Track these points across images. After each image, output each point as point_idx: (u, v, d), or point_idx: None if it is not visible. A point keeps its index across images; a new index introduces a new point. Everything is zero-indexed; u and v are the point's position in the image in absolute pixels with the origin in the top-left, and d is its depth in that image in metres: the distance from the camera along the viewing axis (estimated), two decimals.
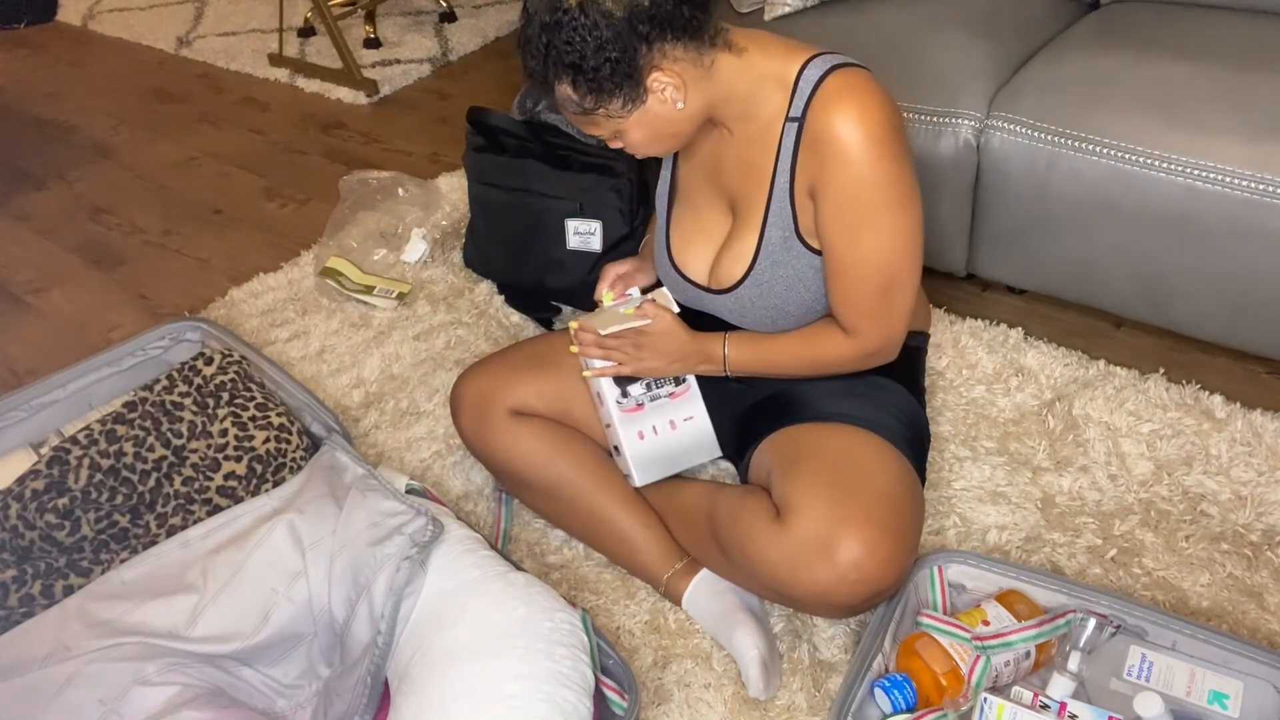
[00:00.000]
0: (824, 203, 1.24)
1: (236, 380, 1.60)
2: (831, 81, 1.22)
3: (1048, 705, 1.19)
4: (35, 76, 3.19)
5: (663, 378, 1.43)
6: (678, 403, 1.45)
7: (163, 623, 1.30)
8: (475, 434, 1.48)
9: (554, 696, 1.15)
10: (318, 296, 2.06)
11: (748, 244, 1.32)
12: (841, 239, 1.24)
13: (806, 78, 1.24)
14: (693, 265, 1.40)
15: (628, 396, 1.43)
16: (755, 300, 1.34)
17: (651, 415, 1.44)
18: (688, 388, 1.46)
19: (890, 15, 1.87)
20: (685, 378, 1.47)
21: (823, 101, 1.22)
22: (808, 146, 1.24)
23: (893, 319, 1.29)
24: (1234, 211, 1.52)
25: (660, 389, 1.45)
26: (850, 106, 1.20)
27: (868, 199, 1.21)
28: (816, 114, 1.22)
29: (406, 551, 1.27)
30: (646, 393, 1.44)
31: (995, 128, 1.68)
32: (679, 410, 1.45)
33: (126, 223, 2.42)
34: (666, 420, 1.45)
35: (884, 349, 1.33)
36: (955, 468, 1.58)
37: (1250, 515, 1.47)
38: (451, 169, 2.44)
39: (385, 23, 3.27)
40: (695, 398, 1.46)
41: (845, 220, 1.23)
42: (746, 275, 1.32)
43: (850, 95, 1.21)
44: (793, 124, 1.25)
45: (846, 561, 1.19)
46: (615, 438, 1.44)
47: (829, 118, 1.21)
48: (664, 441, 1.44)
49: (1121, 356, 1.75)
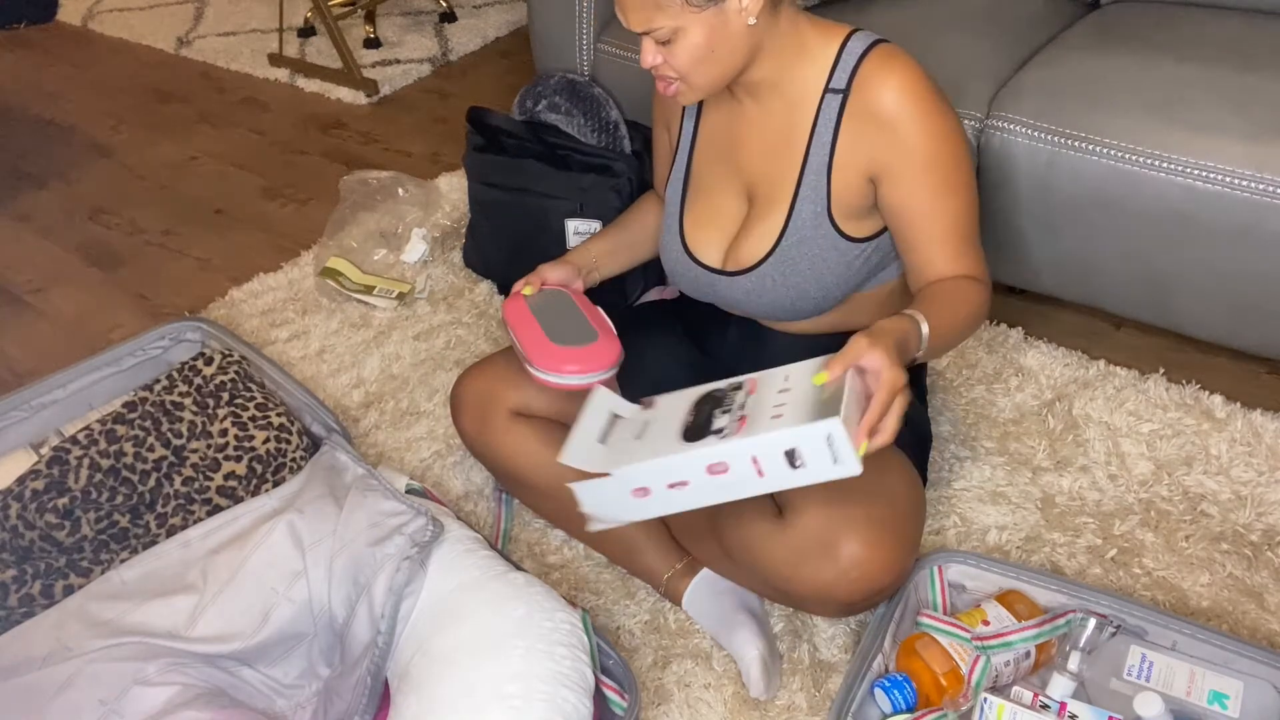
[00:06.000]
0: (903, 175, 1.25)
1: (236, 380, 1.60)
2: (877, 53, 1.25)
3: (1048, 705, 1.19)
4: (35, 76, 3.19)
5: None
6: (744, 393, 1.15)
7: (163, 623, 1.30)
8: (476, 434, 1.48)
9: (554, 696, 1.15)
10: (318, 296, 2.06)
11: (773, 222, 1.32)
12: (934, 200, 1.26)
13: (850, 50, 1.26)
14: (705, 250, 1.39)
15: (711, 431, 1.10)
16: (777, 279, 1.33)
17: (752, 408, 1.11)
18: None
19: (890, 15, 1.87)
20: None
21: (872, 73, 1.24)
22: (857, 120, 1.25)
23: (981, 258, 1.33)
24: (1234, 211, 1.52)
25: (722, 403, 1.14)
26: (901, 76, 1.23)
27: (948, 155, 1.25)
28: (867, 86, 1.24)
29: (406, 551, 1.27)
30: (724, 413, 1.11)
31: (995, 128, 1.68)
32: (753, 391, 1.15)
33: (126, 223, 2.42)
34: (770, 398, 1.11)
35: (990, 288, 1.33)
36: (955, 468, 1.58)
37: (1250, 515, 1.47)
38: (451, 169, 2.44)
39: (385, 23, 3.26)
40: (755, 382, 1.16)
41: (933, 183, 1.26)
42: (772, 251, 1.32)
43: (898, 65, 1.24)
44: (834, 95, 1.26)
45: (848, 559, 1.19)
46: (778, 446, 1.05)
47: (883, 89, 1.23)
48: (801, 399, 1.08)
49: (1121, 356, 1.75)
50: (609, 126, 1.96)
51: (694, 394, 1.21)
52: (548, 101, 2.00)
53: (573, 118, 1.97)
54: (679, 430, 1.13)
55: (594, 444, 1.18)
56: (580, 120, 1.97)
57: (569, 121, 1.97)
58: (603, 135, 1.96)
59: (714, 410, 1.12)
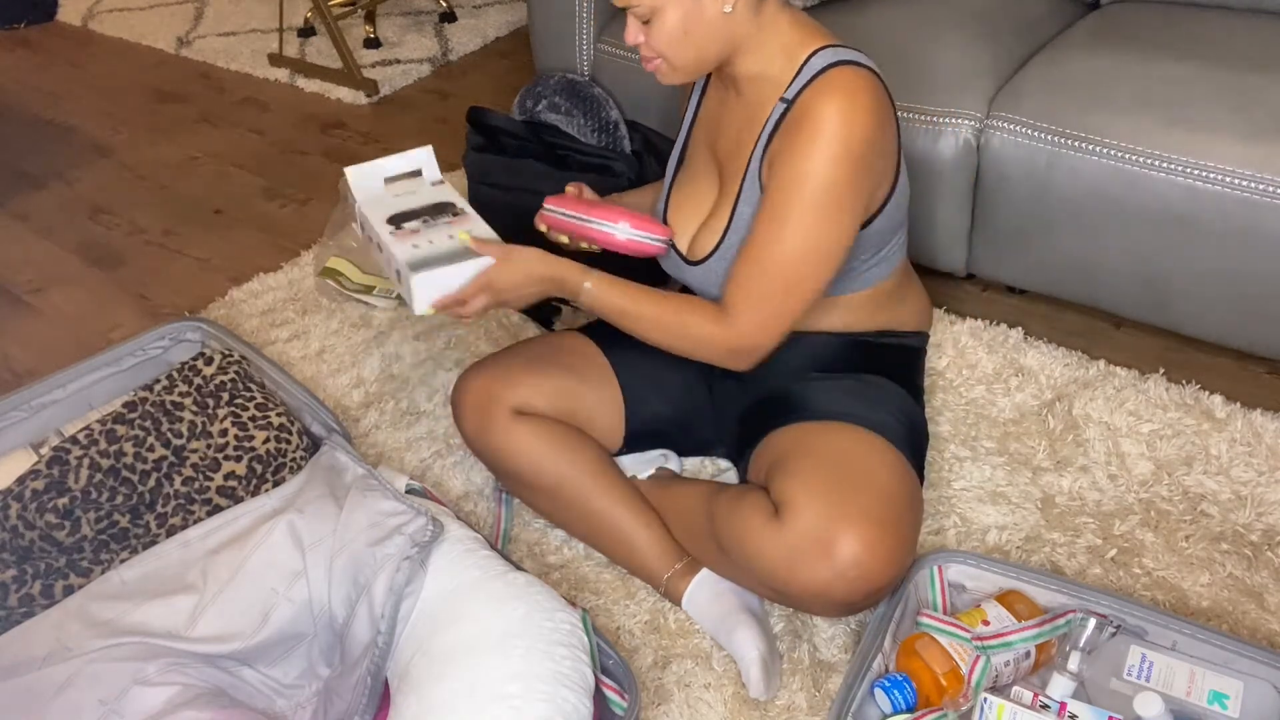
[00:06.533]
0: (770, 179, 1.26)
1: (236, 380, 1.60)
2: (829, 76, 1.24)
3: (1048, 705, 1.19)
4: (35, 76, 3.19)
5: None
6: (457, 224, 1.41)
7: (163, 623, 1.30)
8: (477, 434, 1.48)
9: (554, 696, 1.15)
10: (317, 297, 2.06)
11: (722, 218, 1.35)
12: (762, 219, 1.25)
13: (810, 65, 1.26)
14: (680, 234, 1.42)
15: (401, 228, 1.39)
16: (720, 274, 1.35)
17: (427, 234, 1.38)
18: (466, 216, 1.41)
19: (890, 15, 1.88)
20: (463, 207, 1.44)
21: (812, 93, 1.24)
22: (784, 130, 1.26)
23: (774, 318, 1.27)
24: (1234, 211, 1.52)
25: (438, 219, 1.41)
26: (830, 105, 1.21)
27: (800, 193, 1.22)
28: (804, 102, 1.24)
29: (406, 551, 1.27)
30: (422, 224, 1.40)
31: (995, 128, 1.68)
32: (459, 226, 1.40)
33: (126, 223, 2.42)
34: (444, 235, 1.38)
35: (748, 346, 1.29)
36: (955, 468, 1.58)
37: (1250, 515, 1.47)
38: (451, 169, 2.44)
39: (385, 23, 3.27)
40: (475, 218, 1.41)
41: (773, 203, 1.24)
42: (716, 247, 1.35)
43: (838, 94, 1.21)
44: (783, 104, 1.27)
45: (845, 558, 1.19)
46: (392, 261, 1.36)
47: (807, 109, 1.23)
48: (440, 248, 1.35)
49: (1121, 356, 1.75)
50: (609, 126, 1.97)
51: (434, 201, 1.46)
52: (548, 101, 2.00)
53: (573, 118, 1.97)
54: (386, 215, 1.45)
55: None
56: (580, 120, 1.97)
57: (569, 121, 1.97)
58: (603, 135, 1.96)
59: (425, 218, 1.43)
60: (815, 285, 1.27)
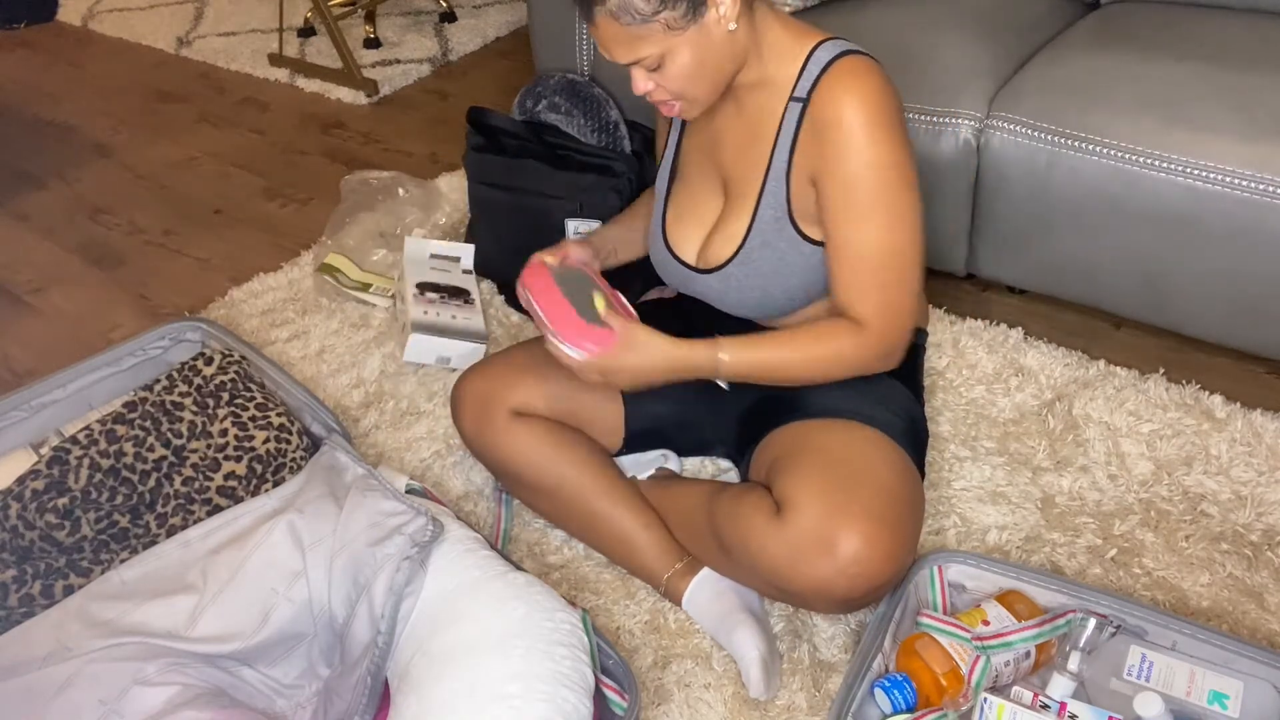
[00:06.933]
0: (827, 188, 1.25)
1: (236, 380, 1.60)
2: (840, 66, 1.24)
3: (1048, 705, 1.19)
4: (35, 76, 3.19)
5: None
6: (464, 310, 1.88)
7: (163, 623, 1.30)
8: (476, 435, 1.48)
9: (554, 696, 1.15)
10: (317, 297, 2.06)
11: (740, 223, 1.34)
12: (847, 224, 1.25)
13: (816, 59, 1.26)
14: (684, 245, 1.41)
15: (424, 295, 1.87)
16: (742, 280, 1.35)
17: (439, 306, 1.85)
18: (475, 307, 1.88)
19: (890, 15, 1.87)
20: (474, 297, 1.89)
21: (829, 85, 1.24)
22: (809, 129, 1.26)
23: (900, 308, 1.28)
24: (1234, 211, 1.52)
25: (452, 301, 1.88)
26: (855, 91, 1.22)
27: (871, 183, 1.23)
28: (821, 97, 1.24)
29: (406, 551, 1.27)
30: (440, 298, 1.87)
31: (995, 128, 1.68)
32: (462, 312, 1.87)
33: (126, 223, 2.42)
34: (449, 313, 1.85)
35: (893, 344, 1.30)
36: (955, 468, 1.58)
37: (1250, 515, 1.47)
38: (451, 169, 2.44)
39: (385, 23, 3.27)
40: (478, 311, 1.89)
41: (849, 205, 1.24)
42: (736, 253, 1.34)
43: (856, 80, 1.23)
44: (796, 104, 1.27)
45: (847, 555, 1.19)
46: (405, 314, 1.85)
47: (833, 102, 1.23)
48: (442, 321, 1.83)
49: (1121, 356, 1.75)
50: (609, 126, 1.97)
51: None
52: (548, 101, 2.00)
53: (573, 118, 1.97)
54: (419, 279, 1.95)
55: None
56: (580, 120, 1.97)
57: (569, 121, 1.97)
58: (603, 135, 1.96)
59: (444, 294, 1.90)
60: (919, 259, 1.28)
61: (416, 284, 1.88)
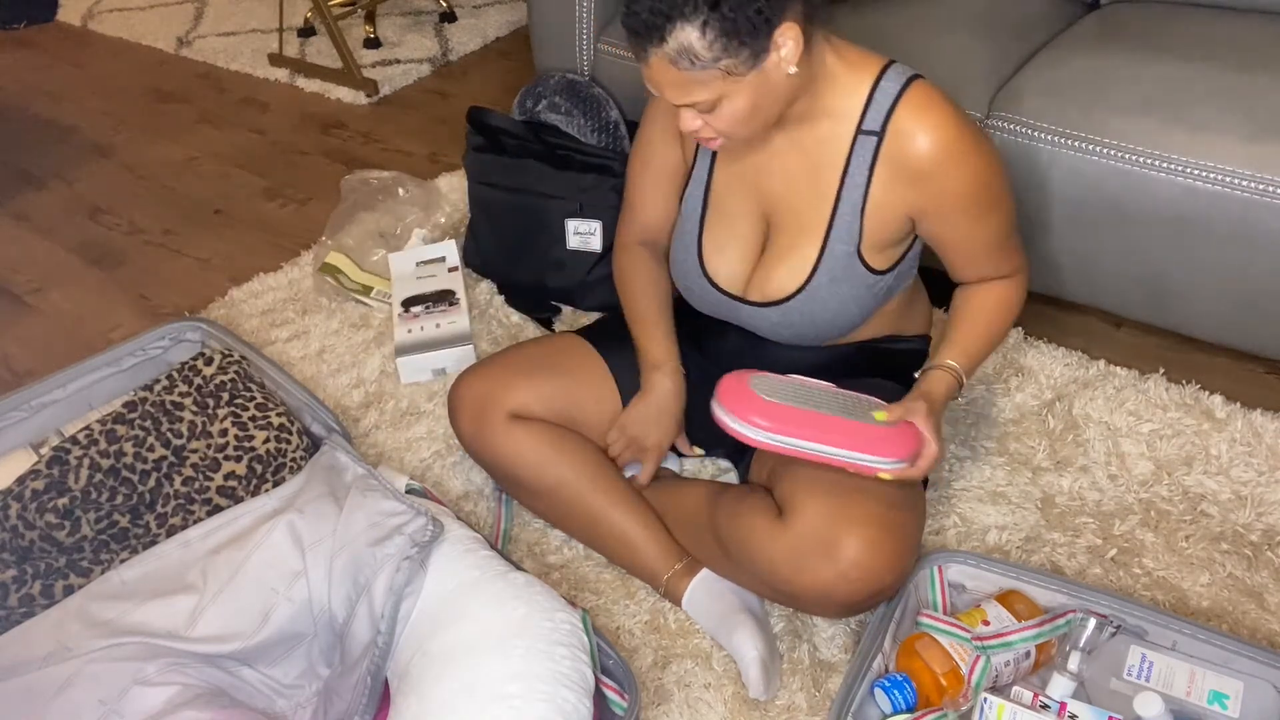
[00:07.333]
0: (942, 213, 1.28)
1: (236, 380, 1.60)
2: (912, 96, 1.23)
3: (1048, 705, 1.19)
4: (35, 76, 3.19)
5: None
6: (451, 312, 1.89)
7: (163, 623, 1.30)
8: (474, 437, 1.48)
9: (554, 696, 1.15)
10: (317, 297, 2.06)
11: (803, 257, 1.31)
12: (975, 226, 1.31)
13: (884, 89, 1.23)
14: (724, 274, 1.38)
15: (409, 311, 1.89)
16: (804, 314, 1.33)
17: (424, 319, 1.87)
18: (459, 307, 1.88)
19: (890, 15, 1.87)
20: (460, 297, 1.91)
21: (906, 120, 1.23)
22: (891, 165, 1.24)
23: (1022, 253, 1.40)
24: (1234, 211, 1.52)
25: (436, 307, 1.89)
26: (939, 125, 1.23)
27: (983, 187, 1.27)
28: (902, 134, 1.23)
29: (406, 551, 1.27)
30: (424, 310, 1.89)
31: (995, 128, 1.68)
32: (446, 317, 1.88)
33: (126, 223, 2.42)
34: (434, 323, 1.86)
35: (1028, 269, 1.42)
36: (955, 468, 1.58)
37: (1250, 515, 1.47)
38: (451, 169, 2.44)
39: (385, 23, 3.26)
40: (462, 310, 1.89)
41: (975, 215, 1.29)
42: (803, 288, 1.31)
43: (935, 114, 1.23)
44: (868, 137, 1.24)
45: (848, 559, 1.19)
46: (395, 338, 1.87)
47: (920, 141, 1.22)
48: (428, 335, 1.84)
49: (1121, 356, 1.75)
50: (609, 126, 1.97)
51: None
52: (548, 101, 2.00)
53: (573, 118, 1.97)
54: (405, 295, 1.95)
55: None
56: (580, 120, 1.97)
57: (569, 121, 1.97)
58: (603, 135, 1.96)
59: (428, 304, 1.92)
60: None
61: (402, 302, 1.91)
